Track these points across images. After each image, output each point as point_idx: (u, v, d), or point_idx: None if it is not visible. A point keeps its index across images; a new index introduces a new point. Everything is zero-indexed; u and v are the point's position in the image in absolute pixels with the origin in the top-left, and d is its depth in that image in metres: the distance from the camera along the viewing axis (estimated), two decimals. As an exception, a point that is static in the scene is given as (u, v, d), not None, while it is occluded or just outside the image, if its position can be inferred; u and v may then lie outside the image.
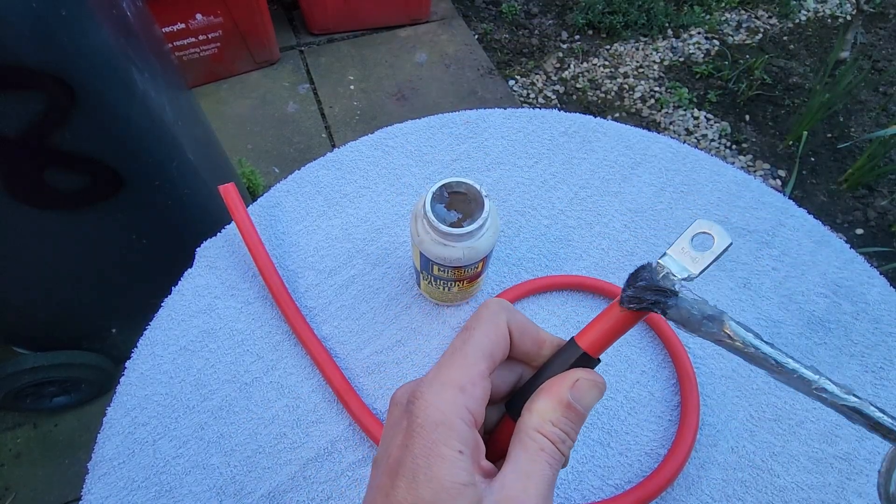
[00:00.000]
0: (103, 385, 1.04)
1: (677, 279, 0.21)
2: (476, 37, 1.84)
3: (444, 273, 0.40)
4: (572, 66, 1.80)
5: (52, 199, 0.70)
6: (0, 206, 0.66)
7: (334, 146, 1.47)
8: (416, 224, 0.38)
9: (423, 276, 0.43)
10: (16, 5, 0.53)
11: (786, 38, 1.90)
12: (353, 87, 1.68)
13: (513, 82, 1.75)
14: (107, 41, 0.64)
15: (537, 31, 1.90)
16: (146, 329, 0.46)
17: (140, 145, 0.73)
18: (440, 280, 0.41)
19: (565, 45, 1.86)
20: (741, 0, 2.00)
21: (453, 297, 0.45)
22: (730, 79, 1.74)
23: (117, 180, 0.73)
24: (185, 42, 1.46)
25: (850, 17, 1.93)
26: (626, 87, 1.75)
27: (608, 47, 1.86)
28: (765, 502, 0.39)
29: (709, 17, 1.95)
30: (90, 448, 0.41)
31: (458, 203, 0.38)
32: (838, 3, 2.01)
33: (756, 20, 1.96)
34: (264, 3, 1.48)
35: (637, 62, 1.82)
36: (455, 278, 0.41)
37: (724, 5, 1.99)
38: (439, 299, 0.46)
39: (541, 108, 1.69)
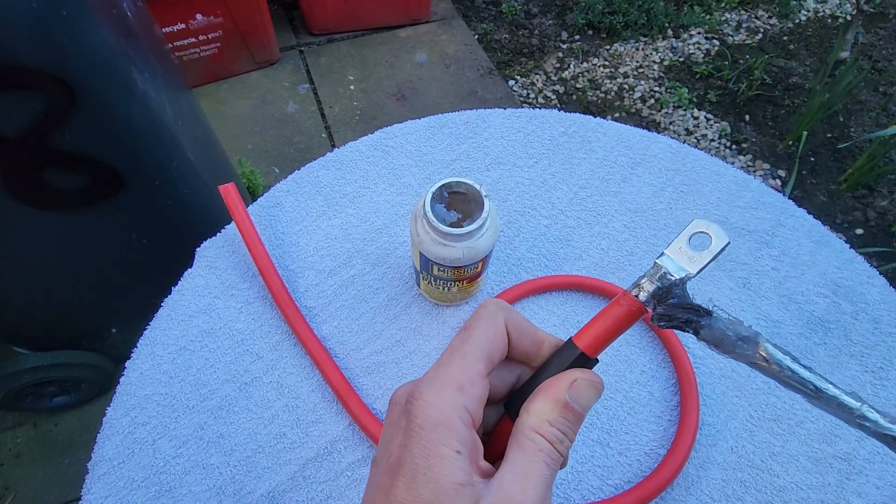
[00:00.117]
0: (103, 385, 1.04)
1: (675, 279, 0.21)
2: (476, 37, 1.84)
3: (444, 273, 0.40)
4: (572, 66, 1.80)
5: (52, 199, 0.70)
6: (0, 206, 0.66)
7: (334, 146, 1.46)
8: (415, 224, 0.38)
9: (422, 276, 0.43)
10: (16, 5, 0.53)
11: (786, 38, 1.89)
12: (353, 87, 1.68)
13: (513, 82, 1.75)
14: (107, 41, 0.64)
15: (537, 31, 1.90)
16: (146, 329, 0.46)
17: (140, 145, 0.74)
18: (440, 280, 0.41)
19: (565, 45, 1.86)
20: (741, 0, 2.00)
21: (453, 297, 0.45)
22: (730, 79, 1.74)
23: (117, 180, 0.73)
24: (185, 42, 1.46)
25: (850, 17, 1.93)
26: (625, 87, 1.75)
27: (608, 47, 1.86)
28: (764, 502, 0.39)
29: (709, 17, 1.95)
30: (90, 448, 0.41)
31: (458, 203, 0.38)
32: (838, 3, 2.01)
33: (756, 20, 1.96)
34: (264, 3, 1.49)
35: (637, 62, 1.82)
36: (455, 278, 0.41)
37: (724, 5, 1.99)
38: (439, 299, 0.46)
39: (541, 108, 1.69)
